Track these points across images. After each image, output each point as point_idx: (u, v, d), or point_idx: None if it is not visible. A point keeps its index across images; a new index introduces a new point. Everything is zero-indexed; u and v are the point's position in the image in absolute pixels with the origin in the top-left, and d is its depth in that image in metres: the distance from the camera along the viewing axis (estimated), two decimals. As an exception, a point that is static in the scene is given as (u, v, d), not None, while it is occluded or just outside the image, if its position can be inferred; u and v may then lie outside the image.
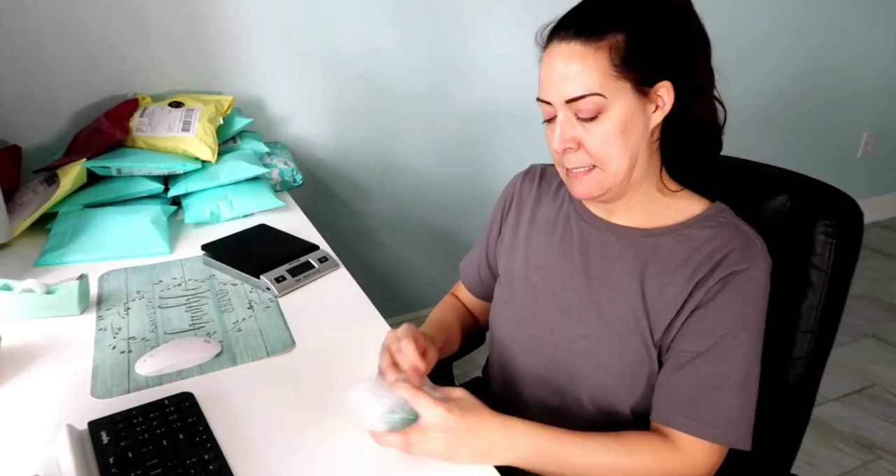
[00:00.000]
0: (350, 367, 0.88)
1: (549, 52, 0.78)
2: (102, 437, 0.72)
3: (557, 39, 0.77)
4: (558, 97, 0.77)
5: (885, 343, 2.22)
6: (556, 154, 0.81)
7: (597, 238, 0.86)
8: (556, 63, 0.76)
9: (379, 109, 1.87)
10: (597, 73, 0.74)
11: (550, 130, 0.80)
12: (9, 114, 1.46)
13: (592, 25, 0.75)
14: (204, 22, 1.57)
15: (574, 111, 0.76)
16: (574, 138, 0.77)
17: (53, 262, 1.16)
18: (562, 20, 0.79)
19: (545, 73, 0.79)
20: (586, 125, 0.76)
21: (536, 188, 0.97)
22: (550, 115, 0.80)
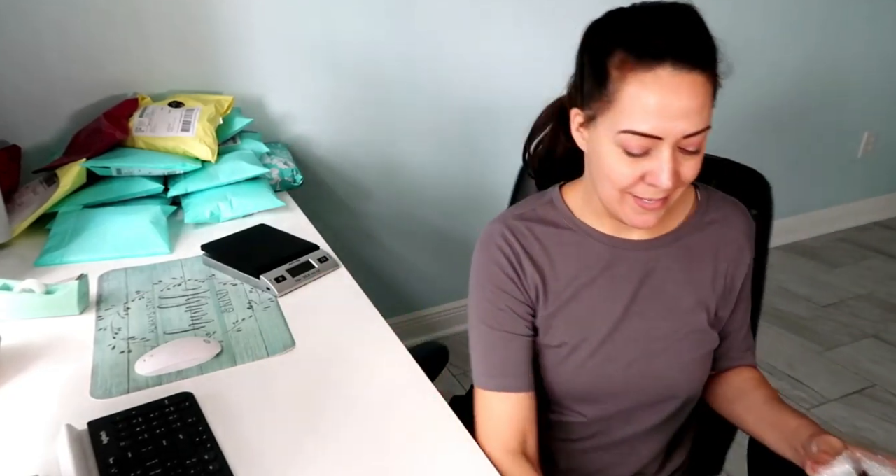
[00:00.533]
0: (350, 367, 0.88)
1: (665, 81, 0.68)
2: (102, 437, 0.72)
3: (673, 67, 0.68)
4: (676, 133, 0.70)
5: (885, 343, 2.22)
6: (631, 187, 0.75)
7: (636, 259, 0.85)
8: (681, 96, 0.68)
9: (379, 109, 1.87)
10: (710, 104, 0.71)
11: (631, 164, 0.73)
12: (9, 114, 1.46)
13: (708, 54, 0.70)
14: (204, 22, 1.57)
15: (681, 145, 0.72)
16: (676, 172, 0.72)
17: (53, 262, 1.16)
18: (670, 44, 0.69)
19: (659, 104, 0.69)
20: (686, 156, 0.73)
21: (538, 242, 0.86)
22: (644, 149, 0.72)
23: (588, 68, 0.76)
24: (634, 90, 0.69)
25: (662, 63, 0.68)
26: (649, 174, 0.72)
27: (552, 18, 1.97)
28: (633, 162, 0.73)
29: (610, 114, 0.72)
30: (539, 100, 1.00)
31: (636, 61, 0.69)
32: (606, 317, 0.85)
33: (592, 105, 0.75)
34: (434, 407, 0.80)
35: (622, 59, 0.70)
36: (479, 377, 0.85)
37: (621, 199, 0.76)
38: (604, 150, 0.75)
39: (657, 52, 0.68)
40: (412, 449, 0.74)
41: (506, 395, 0.83)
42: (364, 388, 0.84)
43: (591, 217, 0.86)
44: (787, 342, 2.23)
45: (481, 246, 0.87)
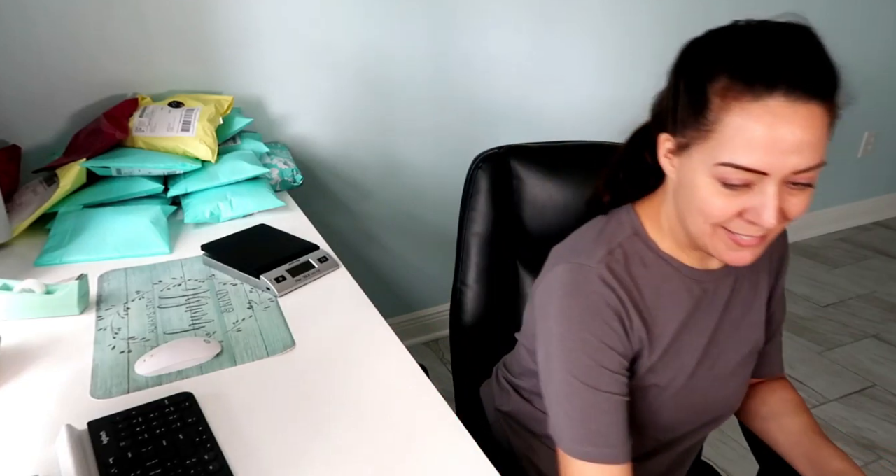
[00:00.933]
0: (350, 367, 0.88)
1: (777, 112, 0.61)
2: (102, 437, 0.72)
3: (787, 96, 0.60)
4: (786, 168, 0.62)
5: (886, 343, 2.22)
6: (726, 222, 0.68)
7: (718, 289, 0.82)
8: (794, 129, 0.60)
9: (379, 109, 1.87)
10: (827, 137, 0.63)
11: (729, 197, 0.65)
12: (8, 113, 1.46)
13: (828, 82, 0.63)
14: (204, 22, 1.57)
15: (790, 180, 0.64)
16: (781, 209, 0.65)
17: (53, 262, 1.16)
18: (784, 71, 0.61)
19: (768, 137, 0.61)
20: (794, 191, 0.65)
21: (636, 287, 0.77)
22: (746, 182, 0.64)
23: (684, 92, 0.68)
24: (740, 121, 0.62)
25: (774, 91, 0.60)
26: (750, 211, 0.65)
27: (553, 19, 1.97)
28: (731, 195, 0.65)
29: (708, 145, 0.65)
30: (539, 100, 1.00)
31: (743, 88, 0.62)
32: (693, 352, 0.81)
33: (687, 133, 0.67)
34: (434, 407, 0.80)
35: (727, 85, 0.63)
36: (572, 444, 0.75)
37: (713, 233, 0.69)
38: (698, 181, 0.67)
39: (769, 78, 0.61)
40: (412, 449, 0.73)
41: (608, 468, 0.73)
42: (364, 388, 0.83)
43: (675, 248, 0.78)
44: (788, 342, 2.23)
45: (576, 292, 0.75)
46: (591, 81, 2.13)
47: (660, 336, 0.78)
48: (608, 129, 2.21)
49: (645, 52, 2.15)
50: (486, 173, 1.07)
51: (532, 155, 1.09)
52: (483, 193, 1.07)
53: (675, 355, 0.80)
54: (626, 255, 0.77)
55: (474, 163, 1.08)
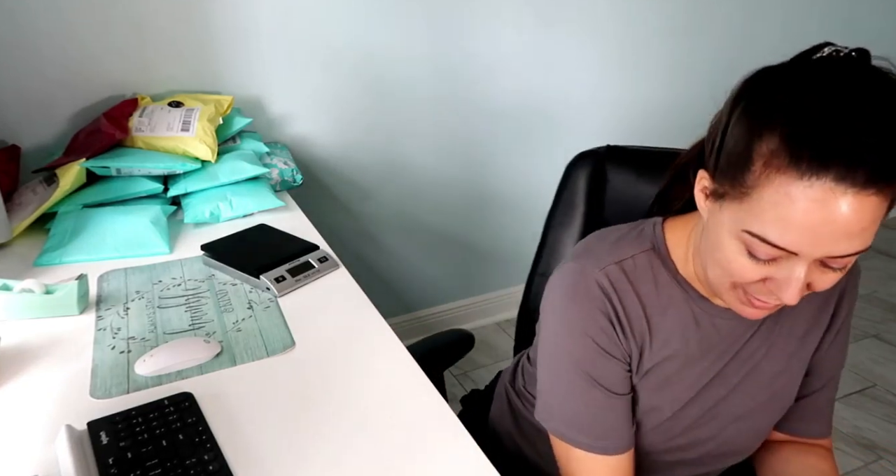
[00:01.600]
0: (350, 367, 0.88)
1: (821, 198, 0.52)
2: (102, 437, 0.72)
3: (837, 180, 0.52)
4: (820, 254, 0.56)
5: (886, 343, 2.22)
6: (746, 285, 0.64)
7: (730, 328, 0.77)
8: (836, 219, 0.53)
9: (379, 109, 1.87)
10: (877, 224, 0.55)
11: (756, 266, 0.60)
12: (8, 114, 1.45)
13: (891, 167, 0.52)
14: (204, 22, 1.57)
15: (824, 260, 0.58)
16: (810, 285, 0.61)
17: (53, 262, 1.15)
18: (842, 148, 0.52)
19: (804, 222, 0.54)
20: (826, 271, 0.60)
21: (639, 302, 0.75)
22: (772, 257, 0.59)
23: (731, 138, 0.60)
24: (778, 197, 0.54)
25: (824, 175, 0.52)
26: (773, 282, 0.61)
27: (554, 19, 1.97)
28: (756, 263, 0.60)
29: (741, 208, 0.59)
30: (540, 100, 0.99)
31: (790, 159, 0.53)
32: (689, 387, 0.78)
33: (724, 184, 0.61)
34: (434, 407, 0.80)
35: (773, 151, 0.55)
36: (576, 436, 0.75)
37: (731, 288, 0.65)
38: (724, 240, 0.62)
39: (821, 155, 0.52)
40: (412, 449, 0.73)
41: (611, 458, 0.74)
42: (364, 388, 0.83)
43: (694, 277, 0.75)
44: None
45: (574, 296, 0.74)
46: (593, 82, 2.13)
47: (651, 355, 0.76)
48: (609, 130, 2.21)
49: (648, 52, 2.15)
50: (582, 171, 1.06)
51: (626, 157, 1.06)
52: (576, 189, 1.06)
53: (665, 383, 0.77)
54: (637, 268, 0.75)
55: (574, 159, 1.07)
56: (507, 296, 2.33)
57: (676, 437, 0.81)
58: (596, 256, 0.76)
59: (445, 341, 1.20)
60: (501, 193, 2.17)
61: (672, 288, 0.75)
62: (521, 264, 2.41)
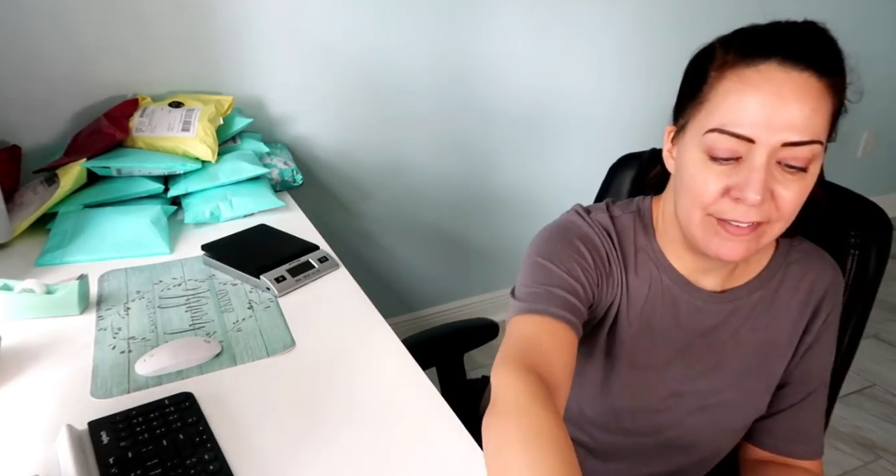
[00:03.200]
0: (350, 367, 0.88)
1: (768, 76, 0.59)
2: (102, 437, 0.72)
3: (781, 63, 0.59)
4: (773, 138, 0.59)
5: (885, 343, 2.22)
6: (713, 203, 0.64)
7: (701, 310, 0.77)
8: (784, 95, 0.58)
9: (380, 109, 1.87)
10: (824, 117, 0.60)
11: (717, 174, 0.63)
12: (9, 114, 1.46)
13: (828, 59, 0.61)
14: (204, 22, 1.57)
15: (781, 158, 0.61)
16: (769, 190, 0.62)
17: (53, 262, 1.16)
18: (780, 41, 0.61)
19: (756, 101, 0.59)
20: (787, 175, 0.62)
21: (620, 247, 0.77)
22: (733, 155, 0.62)
23: (686, 79, 0.69)
24: (730, 85, 0.61)
25: (768, 59, 0.59)
26: (735, 187, 0.62)
27: (555, 20, 1.97)
28: (719, 171, 0.63)
29: (700, 116, 0.64)
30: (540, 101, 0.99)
31: (738, 58, 0.61)
32: (653, 356, 0.78)
33: (685, 113, 0.67)
34: (434, 407, 0.80)
35: (723, 60, 0.62)
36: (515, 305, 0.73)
37: (703, 221, 0.66)
38: (688, 158, 0.66)
39: (764, 48, 0.60)
40: (412, 449, 0.74)
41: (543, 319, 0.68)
42: (364, 388, 0.84)
43: (670, 247, 0.77)
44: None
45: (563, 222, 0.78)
46: (594, 82, 2.13)
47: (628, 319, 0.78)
48: (610, 131, 2.21)
49: (651, 53, 2.15)
50: (627, 173, 1.04)
51: None
52: (620, 193, 1.04)
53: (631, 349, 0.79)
54: (622, 226, 0.78)
55: (618, 161, 1.06)
56: (507, 296, 2.33)
57: (641, 414, 0.81)
58: (586, 208, 0.80)
59: (469, 326, 1.24)
60: (502, 193, 2.17)
61: (648, 252, 0.77)
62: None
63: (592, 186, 1.10)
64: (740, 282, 0.78)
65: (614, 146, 2.27)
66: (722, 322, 0.78)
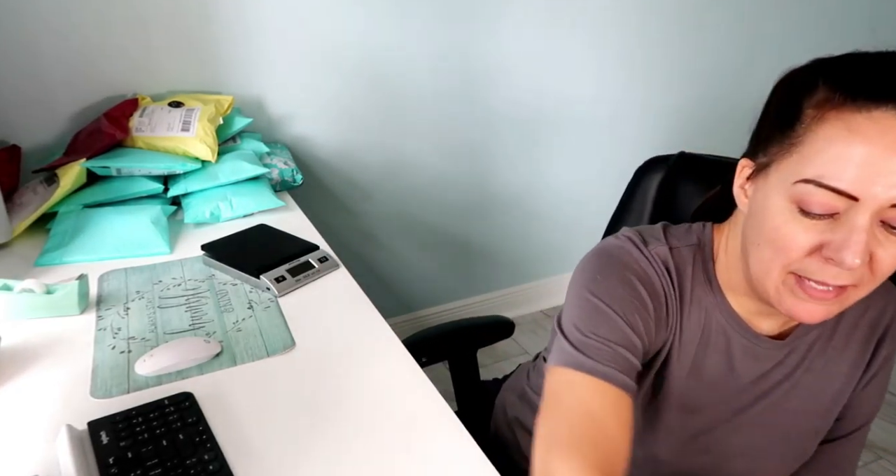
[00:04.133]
0: (350, 367, 0.88)
1: (883, 125, 0.51)
2: (102, 437, 0.72)
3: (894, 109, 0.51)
4: (882, 196, 0.51)
5: (885, 343, 2.22)
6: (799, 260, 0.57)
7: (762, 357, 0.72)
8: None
9: (380, 109, 1.87)
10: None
11: (807, 228, 0.55)
12: (9, 113, 1.46)
13: None
14: (204, 22, 1.57)
15: (886, 218, 0.53)
16: (868, 252, 0.54)
17: (53, 262, 1.16)
18: None
19: (864, 154, 0.51)
20: (889, 237, 0.54)
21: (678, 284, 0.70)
22: (829, 211, 0.54)
23: (774, 110, 0.60)
24: (834, 132, 0.52)
25: (882, 105, 0.51)
26: (830, 245, 0.54)
27: (558, 21, 1.97)
28: (809, 226, 0.55)
29: (791, 160, 0.55)
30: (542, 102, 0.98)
31: (845, 99, 0.52)
32: (702, 398, 0.73)
33: (769, 150, 0.58)
34: (434, 406, 0.80)
35: (826, 97, 0.54)
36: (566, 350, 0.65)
37: (780, 277, 0.58)
38: (773, 206, 0.57)
39: (880, 90, 0.51)
40: (412, 449, 0.73)
41: (605, 387, 0.61)
42: (364, 387, 0.83)
43: (729, 287, 0.69)
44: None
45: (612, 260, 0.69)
46: (597, 83, 2.12)
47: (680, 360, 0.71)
48: (612, 133, 2.21)
49: (652, 55, 2.15)
50: (654, 177, 1.01)
51: (698, 165, 1.00)
52: (646, 197, 1.01)
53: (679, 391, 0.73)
54: (681, 259, 0.70)
55: (644, 164, 1.04)
56: (507, 296, 2.33)
57: (683, 458, 0.77)
58: (642, 236, 0.71)
59: (484, 323, 1.24)
60: (503, 194, 2.17)
61: (705, 289, 0.70)
62: (521, 264, 2.41)
63: (593, 187, 1.10)
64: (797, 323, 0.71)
65: (615, 146, 2.28)
66: (777, 364, 0.72)
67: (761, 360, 0.71)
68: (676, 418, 0.74)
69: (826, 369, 0.73)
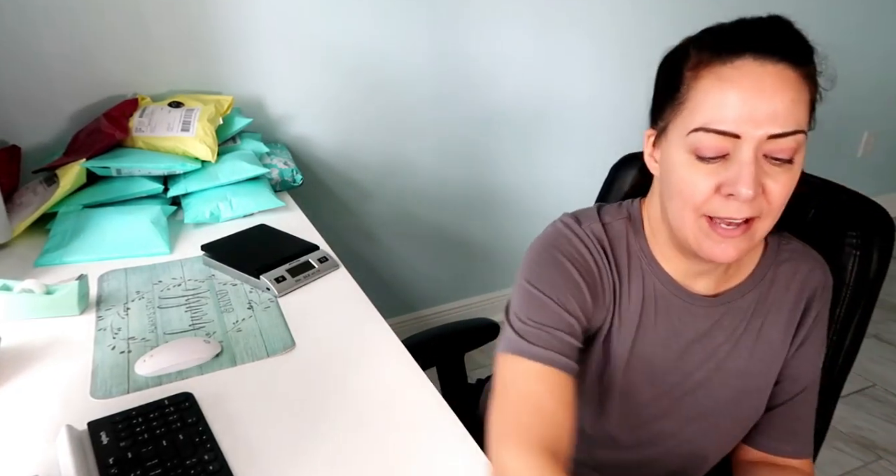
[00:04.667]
0: (350, 367, 0.88)
1: (746, 71, 0.60)
2: (102, 437, 0.72)
3: (755, 57, 0.60)
4: (758, 131, 0.60)
5: (885, 343, 2.22)
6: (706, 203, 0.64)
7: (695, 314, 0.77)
8: (764, 88, 0.59)
9: (380, 109, 1.87)
10: (803, 107, 0.62)
11: (705, 173, 0.63)
12: (8, 114, 1.46)
13: (800, 50, 0.62)
14: (204, 22, 1.57)
15: (767, 151, 0.62)
16: (760, 184, 0.62)
17: (53, 263, 1.16)
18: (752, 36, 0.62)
19: (737, 97, 0.60)
20: (775, 168, 0.62)
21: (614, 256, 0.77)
22: (720, 152, 0.62)
23: (662, 83, 0.69)
24: (708, 83, 0.62)
25: (742, 55, 0.61)
26: (726, 183, 0.62)
27: (557, 19, 1.97)
28: (707, 170, 0.63)
29: (681, 117, 0.64)
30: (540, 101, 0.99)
31: (712, 56, 0.62)
32: (650, 362, 0.77)
33: (665, 115, 0.67)
34: (434, 407, 0.80)
35: (697, 59, 0.63)
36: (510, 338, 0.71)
37: (695, 222, 0.66)
38: (674, 161, 0.66)
39: (737, 44, 0.61)
40: (412, 449, 0.74)
41: (543, 370, 0.68)
42: (364, 388, 0.83)
43: (660, 252, 0.76)
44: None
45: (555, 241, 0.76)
46: (595, 82, 2.13)
47: (622, 329, 0.76)
48: (610, 131, 2.21)
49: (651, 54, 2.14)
50: (628, 173, 1.03)
51: None
52: (620, 188, 1.03)
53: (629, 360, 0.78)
54: (614, 233, 0.77)
55: (619, 161, 1.06)
56: (507, 296, 2.33)
57: (641, 427, 0.80)
58: (577, 218, 0.79)
59: (470, 326, 1.25)
60: (502, 193, 2.17)
61: (640, 258, 0.77)
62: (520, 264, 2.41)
63: (592, 186, 1.10)
64: (732, 284, 0.77)
65: (614, 146, 2.27)
66: (716, 325, 0.77)
67: (700, 318, 0.76)
68: (629, 384, 0.78)
69: (763, 331, 0.78)
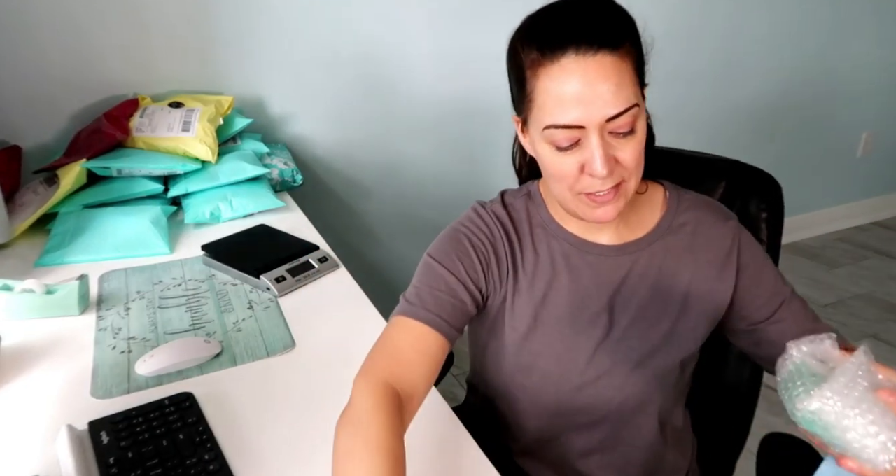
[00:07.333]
0: (350, 367, 0.88)
1: (571, 69, 0.67)
2: (102, 437, 0.72)
3: (576, 53, 0.66)
4: (597, 118, 0.67)
5: (884, 343, 2.22)
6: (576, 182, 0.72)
7: (603, 265, 0.81)
8: (589, 80, 0.66)
9: (379, 108, 1.87)
10: (630, 83, 0.68)
11: (567, 158, 0.71)
12: (9, 114, 1.46)
13: (614, 32, 0.68)
14: (204, 22, 1.57)
15: (610, 129, 0.69)
16: (612, 157, 0.69)
17: (54, 263, 1.16)
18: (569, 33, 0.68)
19: (570, 93, 0.67)
20: (620, 140, 0.70)
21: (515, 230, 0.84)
22: (572, 141, 0.69)
23: (511, 74, 0.75)
24: (545, 84, 0.68)
25: (565, 52, 0.67)
26: (586, 165, 0.70)
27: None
28: (568, 156, 0.70)
29: (533, 113, 0.71)
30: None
31: (541, 56, 0.68)
32: (573, 321, 0.81)
33: (522, 108, 0.74)
34: (434, 407, 0.81)
35: (532, 58, 0.70)
36: (400, 301, 0.79)
37: (574, 197, 0.74)
38: (540, 150, 0.74)
39: (558, 42, 0.67)
40: (411, 449, 0.73)
41: (416, 325, 0.75)
42: (364, 388, 0.83)
43: (561, 216, 0.83)
44: (787, 342, 2.23)
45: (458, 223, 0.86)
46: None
47: (531, 296, 0.81)
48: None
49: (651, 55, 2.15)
50: None
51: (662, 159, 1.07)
52: None
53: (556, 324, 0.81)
54: (515, 210, 0.85)
55: None
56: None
57: (587, 386, 0.82)
58: (483, 203, 0.87)
59: None
60: (501, 193, 2.17)
61: (543, 227, 0.83)
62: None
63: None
64: (637, 235, 0.82)
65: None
66: (629, 273, 0.81)
67: (607, 268, 0.82)
68: (555, 345, 0.82)
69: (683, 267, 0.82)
